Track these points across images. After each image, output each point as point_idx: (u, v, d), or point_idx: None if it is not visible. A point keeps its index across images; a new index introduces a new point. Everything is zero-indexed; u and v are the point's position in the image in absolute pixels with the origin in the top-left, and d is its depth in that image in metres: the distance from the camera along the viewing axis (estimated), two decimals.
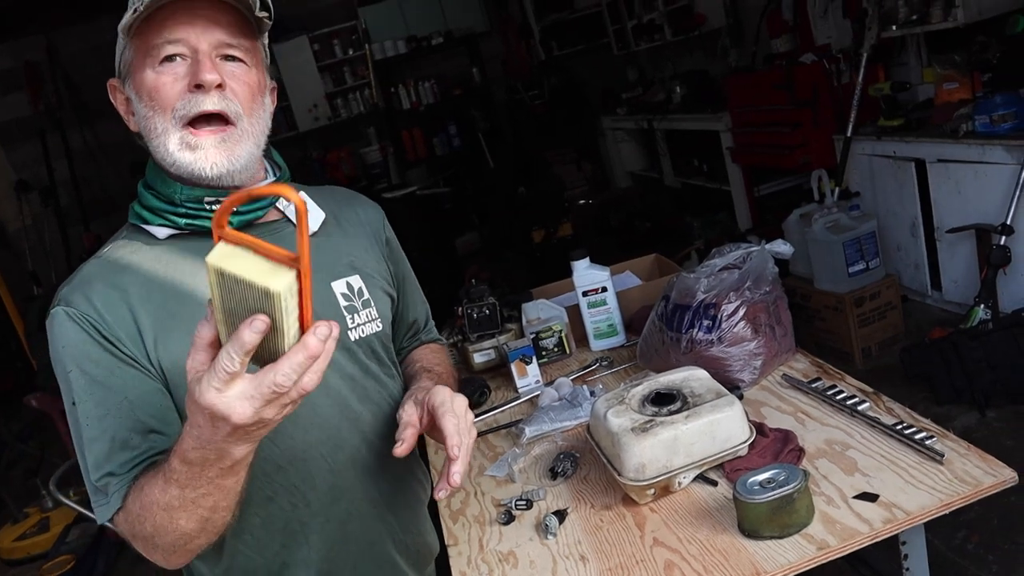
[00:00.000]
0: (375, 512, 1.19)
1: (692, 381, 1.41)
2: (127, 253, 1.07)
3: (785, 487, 1.13)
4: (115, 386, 0.98)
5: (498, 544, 1.32)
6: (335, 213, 1.22)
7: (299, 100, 7.90)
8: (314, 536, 1.13)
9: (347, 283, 1.16)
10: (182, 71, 1.00)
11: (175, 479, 0.84)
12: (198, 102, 0.99)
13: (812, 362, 1.67)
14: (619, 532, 1.26)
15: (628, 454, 1.27)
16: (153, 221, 1.07)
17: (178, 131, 1.00)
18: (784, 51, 4.72)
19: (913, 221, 3.56)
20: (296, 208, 0.65)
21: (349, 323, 1.15)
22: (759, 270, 1.68)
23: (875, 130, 3.71)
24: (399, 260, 1.32)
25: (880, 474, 1.23)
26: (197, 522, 0.88)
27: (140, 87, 1.02)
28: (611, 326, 2.03)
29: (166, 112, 1.00)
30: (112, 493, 0.96)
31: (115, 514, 0.96)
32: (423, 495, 1.31)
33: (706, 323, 1.63)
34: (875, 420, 1.36)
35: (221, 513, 0.89)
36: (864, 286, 3.31)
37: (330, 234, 1.19)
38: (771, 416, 1.49)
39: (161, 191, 1.06)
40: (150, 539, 0.91)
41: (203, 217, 1.05)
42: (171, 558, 0.94)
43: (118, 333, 1.00)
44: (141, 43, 1.00)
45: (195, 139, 1.01)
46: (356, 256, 1.20)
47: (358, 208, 1.28)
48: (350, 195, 1.30)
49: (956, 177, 3.27)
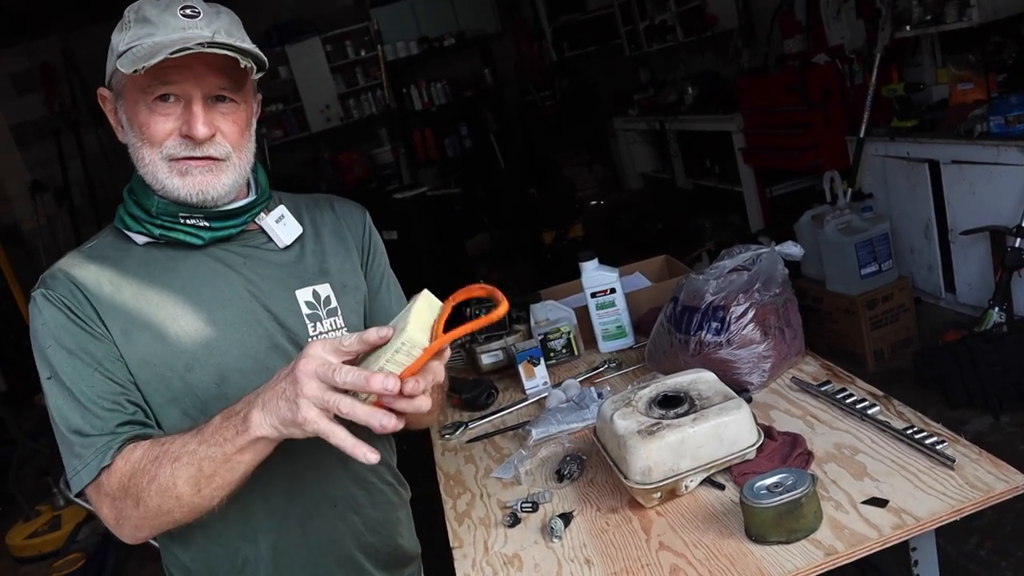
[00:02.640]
0: (336, 511, 1.21)
1: (700, 383, 1.39)
2: (107, 251, 1.13)
3: (793, 492, 1.12)
4: (91, 356, 1.05)
5: (503, 547, 1.31)
6: (314, 220, 1.25)
7: (311, 101, 7.92)
8: (272, 533, 1.16)
9: (314, 291, 1.18)
10: (175, 112, 1.04)
11: (203, 431, 0.93)
12: (188, 149, 1.05)
13: (822, 365, 1.65)
14: (625, 536, 1.25)
15: (634, 457, 1.26)
16: (132, 227, 1.12)
17: (166, 163, 1.06)
18: (796, 52, 4.69)
19: (927, 223, 3.53)
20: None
21: (310, 330, 1.17)
22: (769, 272, 1.67)
23: (888, 131, 3.68)
24: (378, 266, 1.31)
25: (890, 479, 1.22)
26: (192, 488, 0.94)
27: (132, 116, 1.07)
28: (620, 328, 2.01)
29: (154, 147, 1.06)
30: (97, 452, 1.00)
31: (99, 474, 1.00)
32: (395, 498, 1.32)
33: (715, 325, 1.62)
34: (885, 424, 1.35)
35: (213, 488, 0.95)
36: (877, 288, 3.28)
37: (304, 244, 1.22)
38: (780, 419, 1.47)
39: (141, 201, 1.12)
40: (139, 496, 0.96)
41: (177, 230, 1.10)
42: (142, 526, 1.00)
43: (90, 313, 1.07)
44: (132, 75, 1.01)
45: (185, 166, 1.06)
46: (330, 264, 1.22)
47: (341, 215, 1.28)
48: (335, 202, 1.31)
49: (971, 178, 3.24)
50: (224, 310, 1.11)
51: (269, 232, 1.18)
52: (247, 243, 1.17)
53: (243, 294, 1.13)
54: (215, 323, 1.10)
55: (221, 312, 1.11)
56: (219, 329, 1.10)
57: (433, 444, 1.75)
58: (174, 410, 1.09)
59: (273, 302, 1.15)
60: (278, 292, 1.15)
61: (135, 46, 1.02)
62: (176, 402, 1.08)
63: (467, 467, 1.62)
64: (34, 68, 7.09)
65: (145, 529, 1.01)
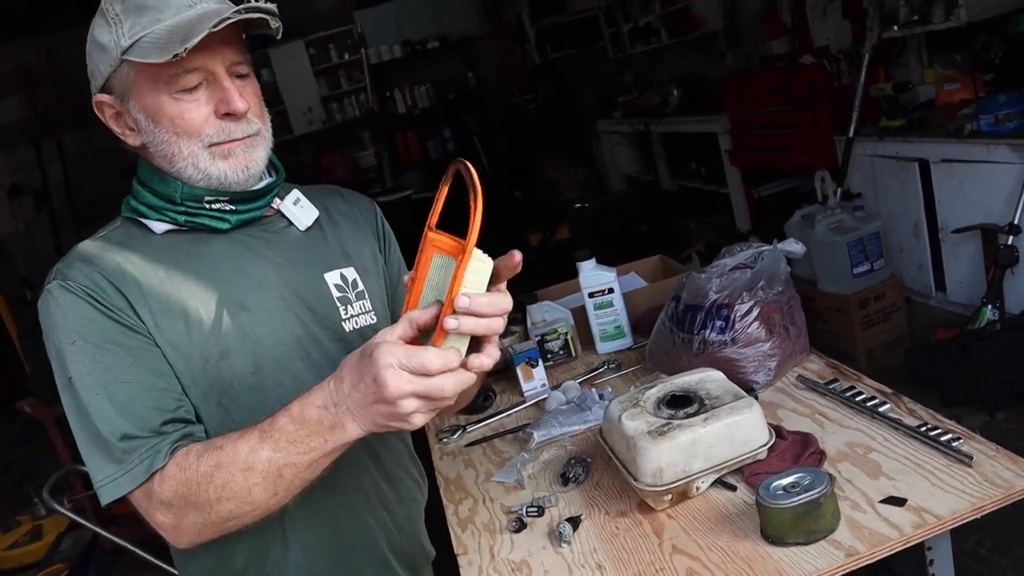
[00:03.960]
0: (368, 507, 1.16)
1: (708, 383, 1.36)
2: (124, 239, 1.06)
3: (811, 491, 1.09)
4: (125, 349, 0.97)
5: (510, 553, 1.27)
6: (328, 208, 1.21)
7: (294, 104, 7.86)
8: (305, 531, 1.11)
9: (341, 274, 1.15)
10: (203, 97, 1.00)
11: (274, 438, 0.88)
12: (230, 131, 1.02)
13: (827, 363, 1.63)
14: (636, 539, 1.22)
15: (645, 458, 1.22)
16: (151, 216, 1.07)
17: (206, 150, 1.02)
18: (782, 53, 4.70)
19: (916, 222, 3.53)
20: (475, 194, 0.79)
21: (343, 314, 1.13)
22: (772, 269, 1.64)
23: (877, 131, 3.68)
24: (395, 253, 1.28)
25: (906, 477, 1.19)
26: (269, 492, 0.90)
27: (156, 112, 1.00)
28: (618, 328, 1.98)
29: (192, 137, 1.01)
30: (144, 456, 0.93)
31: (149, 478, 0.93)
32: (419, 495, 1.28)
33: (719, 324, 1.59)
34: (897, 422, 1.32)
35: (292, 490, 0.92)
36: (868, 287, 3.28)
37: (323, 228, 1.18)
38: (788, 418, 1.44)
39: (159, 190, 1.05)
40: (206, 504, 0.91)
41: (203, 215, 1.06)
42: (205, 531, 0.95)
43: (119, 303, 0.99)
44: (148, 67, 0.97)
45: (228, 148, 1.03)
46: (351, 248, 1.19)
47: (351, 202, 1.26)
48: (342, 191, 1.29)
49: (960, 177, 3.24)
50: (256, 295, 1.07)
51: (288, 215, 1.14)
52: (268, 227, 1.12)
53: (272, 278, 1.09)
54: (248, 308, 1.06)
55: (253, 297, 1.06)
56: (252, 314, 1.06)
57: (431, 448, 1.71)
58: (209, 401, 1.03)
59: (303, 286, 1.11)
60: (306, 275, 1.11)
61: (145, 35, 0.96)
62: (211, 393, 1.03)
63: (467, 472, 1.58)
64: (13, 70, 6.96)
65: (207, 534, 0.96)
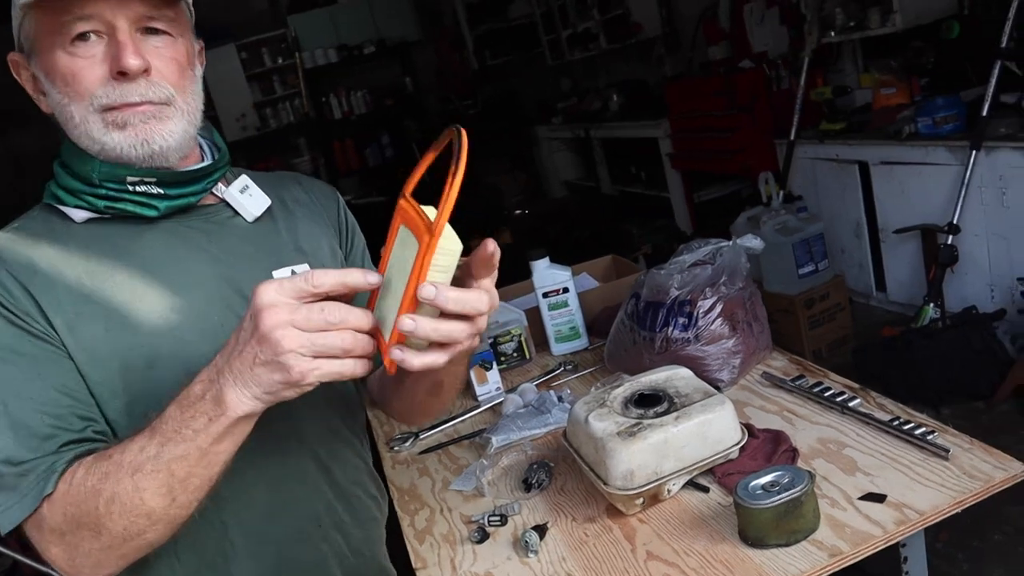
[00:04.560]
0: (320, 532, 1.04)
1: (676, 380, 1.31)
2: (39, 230, 0.93)
3: (791, 490, 1.03)
4: (29, 360, 0.85)
5: (472, 565, 1.19)
6: (282, 197, 1.08)
7: (226, 110, 7.61)
8: (248, 561, 0.98)
9: (293, 271, 1.01)
10: (99, 52, 0.87)
11: (161, 430, 0.76)
12: (122, 93, 0.87)
13: (790, 359, 1.59)
14: (607, 546, 1.15)
15: (615, 461, 1.16)
16: (69, 202, 0.92)
17: (99, 115, 0.88)
18: (721, 58, 4.74)
19: (857, 223, 3.58)
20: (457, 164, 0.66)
21: None
22: (733, 265, 1.61)
23: (817, 134, 3.72)
24: (358, 248, 1.16)
25: (883, 473, 1.15)
26: (164, 498, 0.77)
27: (51, 70, 0.88)
28: (573, 328, 1.92)
29: (83, 99, 0.87)
30: (36, 481, 0.80)
31: (39, 505, 0.80)
32: (378, 513, 1.17)
33: (682, 320, 1.54)
34: (868, 416, 1.29)
35: (190, 492, 0.78)
36: (813, 287, 3.30)
37: (275, 219, 1.05)
38: (756, 417, 1.40)
39: (78, 169, 0.91)
40: (97, 523, 0.78)
41: (125, 199, 0.92)
42: (104, 561, 0.81)
43: (26, 306, 0.86)
44: (45, 16, 0.86)
45: (122, 115, 0.88)
46: (306, 241, 1.06)
47: (310, 190, 1.13)
48: (301, 178, 1.16)
49: (900, 178, 3.29)
50: (190, 294, 0.94)
51: (234, 204, 1.00)
52: (210, 217, 0.99)
53: (211, 276, 0.96)
54: (180, 310, 0.92)
55: (187, 297, 0.93)
56: (185, 317, 0.92)
57: (382, 457, 1.62)
58: (133, 417, 0.88)
59: (247, 285, 0.95)
60: (252, 272, 0.97)
61: None
62: (135, 407, 0.88)
63: (422, 480, 1.49)
64: None
65: (109, 564, 0.82)
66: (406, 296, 0.68)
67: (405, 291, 0.68)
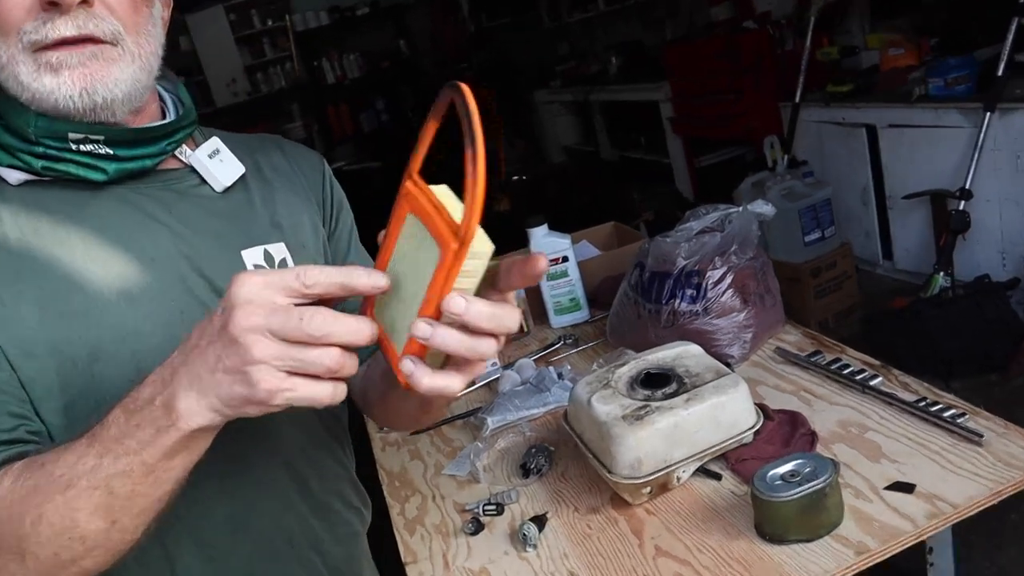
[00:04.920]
0: (292, 552, 0.90)
1: (686, 358, 1.22)
2: None
3: (814, 481, 0.95)
4: None
5: (467, 560, 1.10)
6: (259, 164, 0.93)
7: (216, 74, 7.45)
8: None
9: (265, 251, 0.87)
10: None
11: (102, 438, 0.62)
12: (55, 26, 0.71)
13: (804, 333, 1.50)
14: (612, 540, 1.06)
15: (621, 447, 1.07)
16: (2, 160, 0.77)
17: (29, 54, 0.72)
18: (724, 19, 4.59)
19: (864, 188, 3.47)
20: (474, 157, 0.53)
21: None
22: (743, 233, 1.50)
23: (823, 96, 3.59)
24: (345, 224, 1.01)
25: (911, 460, 1.06)
26: (102, 520, 0.63)
27: None
28: (573, 300, 1.83)
29: (8, 35, 0.72)
30: None
31: None
32: (360, 527, 1.01)
33: (689, 292, 1.44)
34: (892, 397, 1.20)
35: (134, 515, 0.64)
36: (820, 256, 3.20)
37: (249, 189, 0.90)
38: (770, 396, 1.31)
39: (13, 122, 0.76)
40: (21, 547, 0.64)
41: (67, 160, 0.76)
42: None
43: None
44: None
45: (57, 55, 0.72)
46: (284, 216, 0.91)
47: (292, 158, 0.98)
48: (283, 143, 1.00)
49: (909, 142, 3.17)
50: (144, 275, 0.78)
51: (200, 170, 0.85)
52: (171, 185, 0.84)
53: (170, 253, 0.80)
54: (132, 293, 0.77)
55: (141, 277, 0.78)
56: (138, 302, 0.77)
57: (371, 439, 1.53)
58: (74, 418, 0.74)
59: (211, 265, 0.82)
60: (217, 251, 0.83)
61: None
62: (77, 407, 0.74)
63: (413, 464, 1.40)
64: None
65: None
66: (426, 305, 0.55)
67: (425, 299, 0.55)
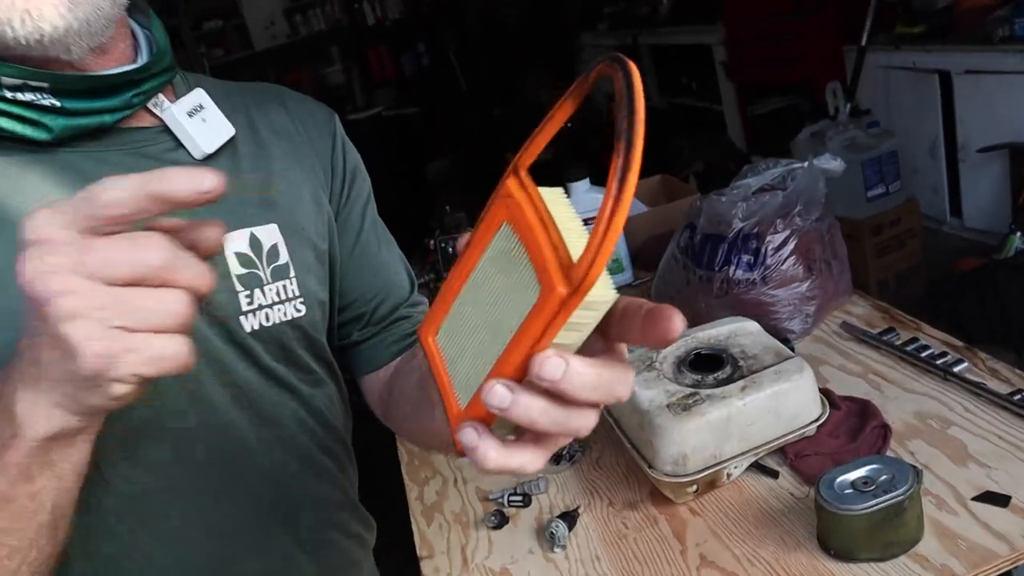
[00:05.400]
0: None
1: (741, 337, 1.07)
2: None
3: (892, 493, 0.80)
4: None
5: (487, 557, 0.99)
6: (254, 122, 0.76)
7: (254, 17, 7.30)
8: None
9: (252, 235, 0.70)
10: None
11: None
12: None
13: (874, 306, 1.34)
14: (651, 543, 0.94)
15: (665, 441, 0.93)
16: None
17: None
18: None
19: (933, 140, 3.22)
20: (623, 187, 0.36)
21: (244, 303, 0.69)
22: (809, 191, 1.34)
23: (892, 39, 3.32)
24: (359, 197, 0.83)
25: (1003, 464, 0.91)
26: None
27: None
28: (616, 261, 1.68)
29: None
30: None
31: None
32: (361, 554, 0.87)
33: (746, 259, 1.29)
34: (980, 387, 1.04)
35: (2, 558, 0.49)
36: (883, 211, 2.98)
37: (238, 156, 0.73)
38: (835, 379, 1.16)
39: None
40: None
41: (2, 112, 0.59)
42: None
43: None
44: None
45: None
46: (279, 191, 0.74)
47: (296, 115, 0.80)
48: (286, 94, 0.82)
49: (988, 90, 2.92)
50: None
51: (176, 131, 0.68)
52: (138, 148, 0.66)
53: None
54: None
55: None
56: None
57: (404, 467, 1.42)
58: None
59: None
60: None
61: None
62: None
63: None
64: None
65: None
66: (507, 358, 0.39)
67: (508, 350, 0.39)
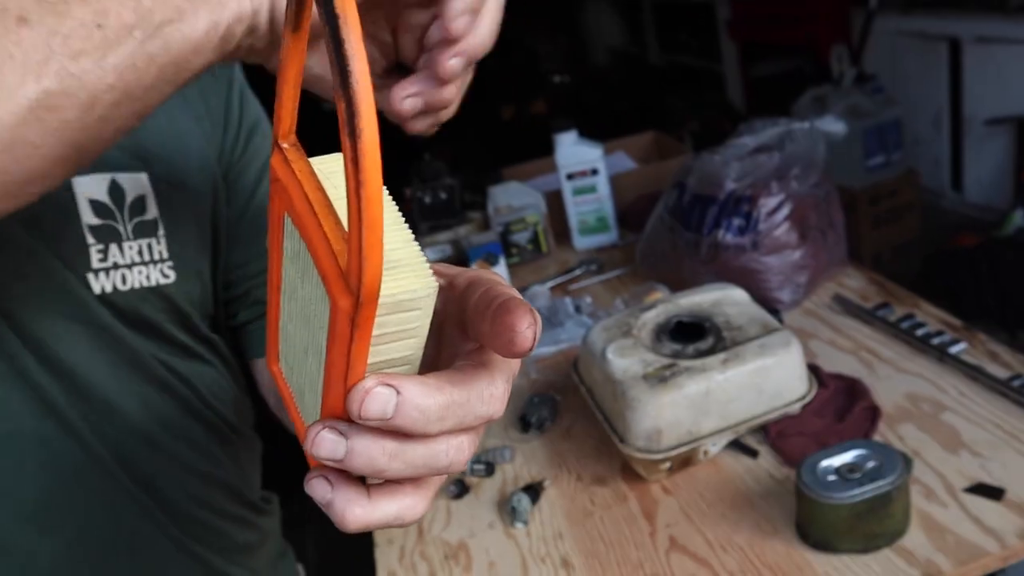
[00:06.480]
0: None
1: (727, 305, 1.00)
2: None
3: (879, 482, 0.74)
4: None
5: (444, 529, 0.93)
6: None
7: None
8: None
9: (113, 181, 0.59)
10: None
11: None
12: None
13: (869, 279, 1.27)
14: (618, 523, 0.88)
15: (638, 414, 0.87)
16: None
17: None
18: None
19: (938, 110, 3.13)
20: None
21: (94, 260, 0.58)
22: (808, 154, 1.26)
23: (902, 2, 3.22)
24: (256, 151, 0.71)
25: (998, 454, 0.85)
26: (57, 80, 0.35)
27: None
28: (601, 219, 1.60)
29: None
30: None
31: None
32: (252, 535, 0.76)
33: (737, 222, 1.21)
34: (977, 370, 0.97)
35: (94, 100, 0.37)
36: (881, 181, 2.91)
37: None
38: (824, 354, 1.09)
39: None
40: None
41: None
42: None
43: None
44: None
45: None
46: (153, 141, 0.61)
47: None
48: None
49: (999, 59, 2.82)
50: None
51: None
52: None
53: None
54: None
55: None
56: None
57: None
58: None
59: None
60: None
61: None
62: None
63: None
64: None
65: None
66: (327, 395, 0.30)
67: (325, 385, 0.30)
